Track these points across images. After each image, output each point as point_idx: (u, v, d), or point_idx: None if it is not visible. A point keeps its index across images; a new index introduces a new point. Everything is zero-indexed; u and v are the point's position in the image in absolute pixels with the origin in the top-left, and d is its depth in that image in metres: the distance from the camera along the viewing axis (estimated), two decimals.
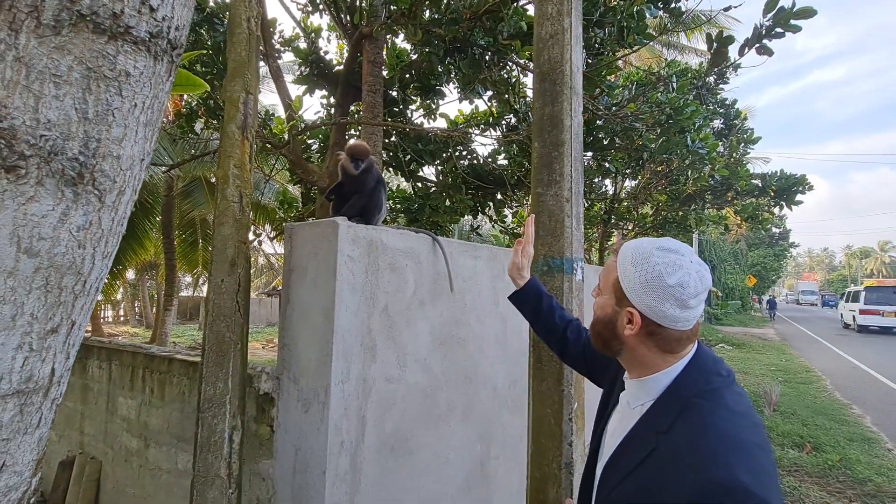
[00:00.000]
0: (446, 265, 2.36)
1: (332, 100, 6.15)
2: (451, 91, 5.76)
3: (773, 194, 6.29)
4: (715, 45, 3.42)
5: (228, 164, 1.90)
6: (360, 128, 4.90)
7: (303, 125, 4.78)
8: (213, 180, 9.72)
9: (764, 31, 3.23)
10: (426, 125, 5.10)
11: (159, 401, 2.44)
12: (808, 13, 3.10)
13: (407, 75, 5.34)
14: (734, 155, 6.66)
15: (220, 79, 4.41)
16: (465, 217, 6.96)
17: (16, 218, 0.64)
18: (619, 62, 6.21)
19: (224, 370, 1.69)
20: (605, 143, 4.85)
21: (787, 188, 6.27)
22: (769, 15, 3.20)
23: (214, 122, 5.47)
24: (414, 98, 5.50)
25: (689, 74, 5.75)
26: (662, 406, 0.77)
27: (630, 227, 10.19)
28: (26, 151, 0.61)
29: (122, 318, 23.87)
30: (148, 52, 0.66)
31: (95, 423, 2.86)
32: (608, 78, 3.99)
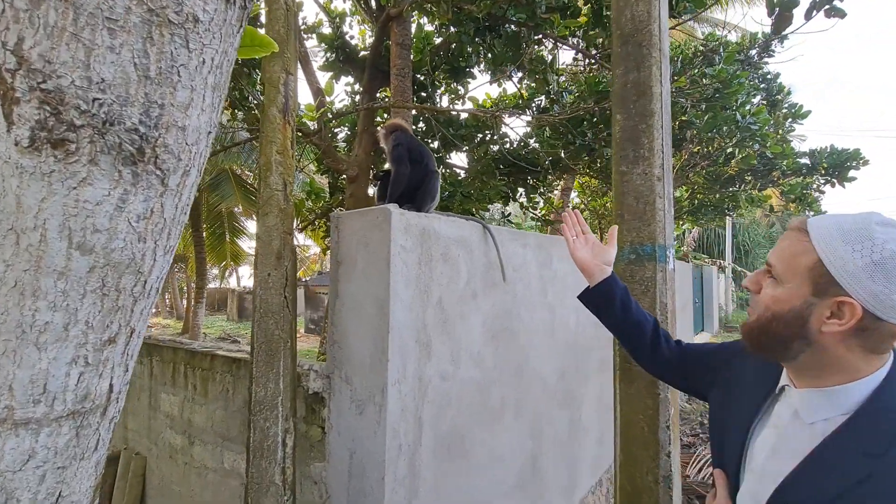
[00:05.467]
0: (497, 254, 2.21)
1: (357, 86, 6.02)
2: (479, 73, 5.54)
3: (823, 172, 5.90)
4: (777, 9, 3.13)
5: (271, 150, 1.78)
6: (388, 113, 4.75)
7: (331, 113, 4.65)
8: (240, 172, 9.73)
9: None
10: (458, 108, 4.90)
11: (202, 398, 2.38)
12: None
13: (436, 58, 5.15)
14: (780, 131, 6.27)
15: (248, 67, 4.31)
16: (494, 204, 6.77)
17: (66, 206, 0.52)
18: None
19: (275, 370, 1.59)
20: None
21: (840, 164, 5.87)
22: None
23: (240, 112, 5.40)
24: (442, 81, 5.30)
25: (731, 47, 5.38)
26: (865, 423, 0.62)
27: None
28: (76, 120, 0.48)
29: (154, 310, 24.57)
30: None
31: (139, 418, 2.83)
32: None
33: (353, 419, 1.69)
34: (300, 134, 3.95)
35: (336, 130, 6.13)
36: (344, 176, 5.55)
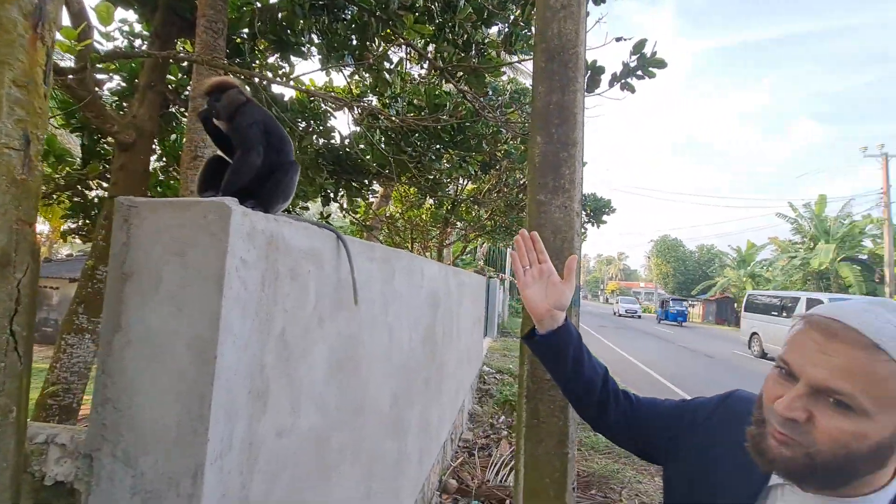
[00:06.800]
0: (351, 271, 1.84)
1: (138, 28, 4.64)
2: (309, 55, 4.94)
3: (590, 213, 7.34)
4: (589, 72, 3.67)
5: (2, 77, 1.04)
6: (190, 70, 3.74)
7: (98, 51, 3.37)
8: None
9: (631, 69, 3.61)
10: (288, 82, 4.19)
11: None
12: (660, 63, 3.57)
13: (259, 23, 4.34)
14: None
15: None
16: (310, 202, 6.17)
17: None
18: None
19: None
20: (473, 143, 4.83)
21: (599, 209, 7.40)
22: (634, 57, 3.59)
23: None
24: (265, 52, 4.53)
25: None
26: None
27: (462, 227, 10.75)
28: None
29: None
30: None
31: None
32: (493, 79, 3.92)
33: None
34: None
35: (102, 77, 4.56)
36: (109, 139, 4.17)
